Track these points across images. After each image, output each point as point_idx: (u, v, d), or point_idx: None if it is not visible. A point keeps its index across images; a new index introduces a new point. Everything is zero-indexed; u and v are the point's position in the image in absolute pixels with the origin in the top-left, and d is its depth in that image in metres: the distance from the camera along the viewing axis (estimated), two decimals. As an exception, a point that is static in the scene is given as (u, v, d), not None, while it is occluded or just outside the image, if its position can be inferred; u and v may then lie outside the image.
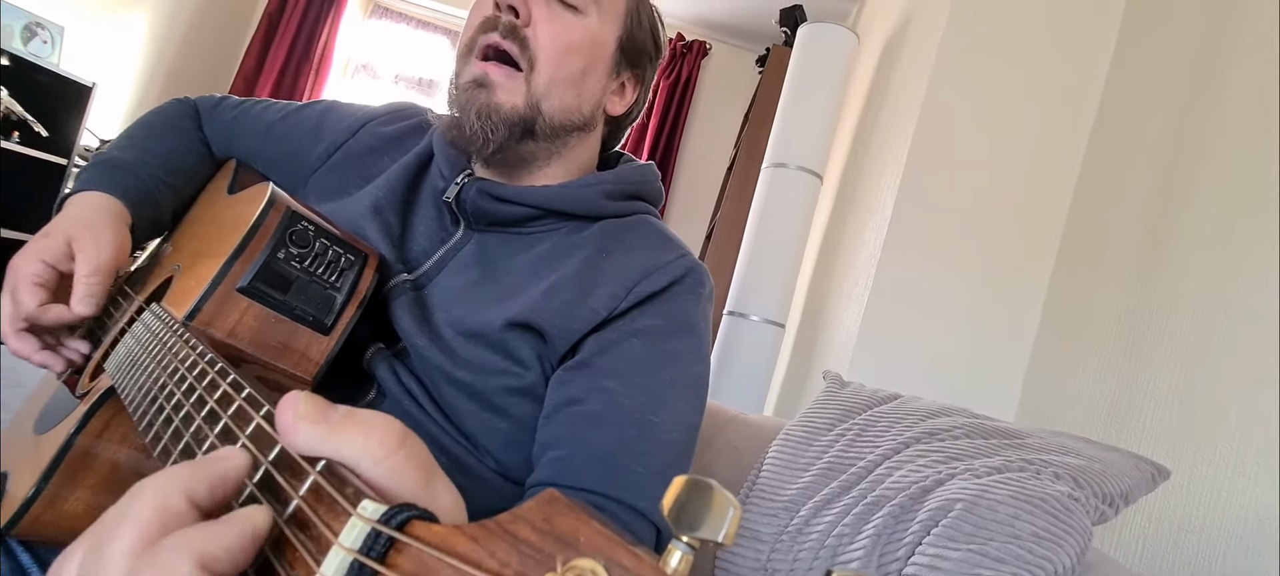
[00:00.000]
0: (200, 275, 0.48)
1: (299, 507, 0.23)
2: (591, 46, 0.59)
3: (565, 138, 0.61)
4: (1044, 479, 0.57)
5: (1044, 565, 0.49)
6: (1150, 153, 1.13)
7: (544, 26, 0.57)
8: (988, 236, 1.35)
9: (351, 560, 0.20)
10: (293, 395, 0.24)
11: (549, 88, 0.57)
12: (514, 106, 0.56)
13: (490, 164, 0.62)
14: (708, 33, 3.47)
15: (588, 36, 0.59)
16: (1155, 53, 1.22)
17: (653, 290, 0.56)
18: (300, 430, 0.23)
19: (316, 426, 0.23)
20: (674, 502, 0.18)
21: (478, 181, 0.59)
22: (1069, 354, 1.17)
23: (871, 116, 1.85)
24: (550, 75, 0.57)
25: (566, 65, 0.58)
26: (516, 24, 0.56)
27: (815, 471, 0.70)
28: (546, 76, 0.57)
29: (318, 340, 0.49)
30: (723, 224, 2.54)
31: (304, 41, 3.27)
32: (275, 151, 0.71)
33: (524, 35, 0.56)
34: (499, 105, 0.56)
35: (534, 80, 0.57)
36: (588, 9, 0.59)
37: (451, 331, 0.54)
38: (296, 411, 0.24)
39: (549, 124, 0.58)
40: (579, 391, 0.53)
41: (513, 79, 0.56)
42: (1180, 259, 0.97)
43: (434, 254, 0.59)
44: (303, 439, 0.23)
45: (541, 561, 0.18)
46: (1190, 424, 0.86)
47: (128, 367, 0.43)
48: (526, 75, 0.56)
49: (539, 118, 0.57)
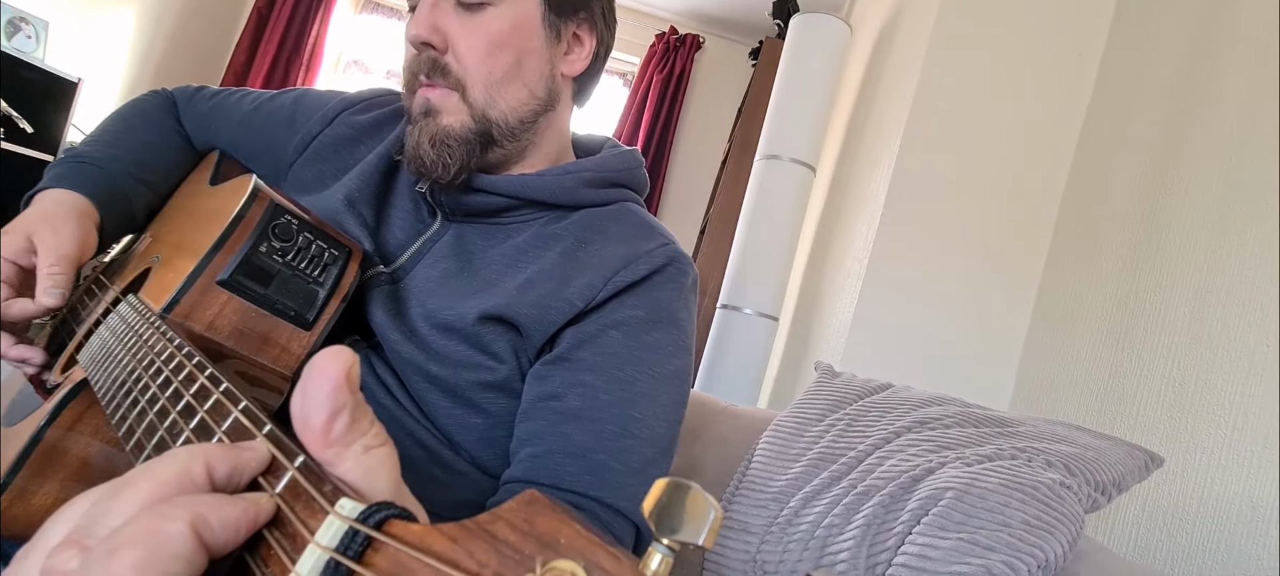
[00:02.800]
0: (180, 267, 0.47)
1: (275, 504, 0.22)
2: (513, 32, 0.56)
3: (531, 126, 0.59)
4: (1035, 466, 0.57)
5: (1035, 553, 0.49)
6: (1143, 140, 1.12)
7: (459, 40, 0.55)
8: (981, 226, 1.35)
9: (328, 559, 0.19)
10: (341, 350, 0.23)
11: (489, 96, 0.55)
12: (463, 125, 0.55)
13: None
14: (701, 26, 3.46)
15: (504, 25, 0.55)
16: (1147, 40, 1.21)
17: (632, 280, 0.54)
18: (344, 393, 0.22)
19: (355, 394, 0.23)
20: (654, 505, 0.18)
21: None
22: (1062, 343, 1.17)
23: (864, 107, 1.84)
24: (484, 84, 0.55)
25: (495, 66, 0.55)
26: (436, 56, 0.54)
27: (805, 462, 0.69)
28: (480, 87, 0.55)
29: (299, 335, 0.48)
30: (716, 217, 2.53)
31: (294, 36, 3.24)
32: (252, 143, 0.70)
33: (444, 64, 0.55)
34: (448, 129, 0.54)
35: (471, 97, 0.55)
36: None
37: (426, 325, 0.53)
38: (349, 372, 0.23)
39: (506, 124, 0.57)
40: (557, 386, 0.52)
41: (448, 98, 0.55)
42: (1172, 247, 0.97)
43: (411, 246, 0.58)
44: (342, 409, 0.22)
45: (521, 562, 0.17)
46: (1183, 412, 0.86)
47: (102, 359, 0.42)
48: (462, 96, 0.55)
49: (492, 127, 0.56)
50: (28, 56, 2.19)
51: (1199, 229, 0.93)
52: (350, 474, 0.22)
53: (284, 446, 0.25)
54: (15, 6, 2.27)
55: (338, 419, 0.22)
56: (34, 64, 2.18)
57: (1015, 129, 1.36)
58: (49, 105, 2.24)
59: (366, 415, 0.23)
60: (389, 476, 0.23)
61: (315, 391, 0.22)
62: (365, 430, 0.23)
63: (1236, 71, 0.97)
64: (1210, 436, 0.81)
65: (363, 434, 0.23)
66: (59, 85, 2.26)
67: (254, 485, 0.24)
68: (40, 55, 2.32)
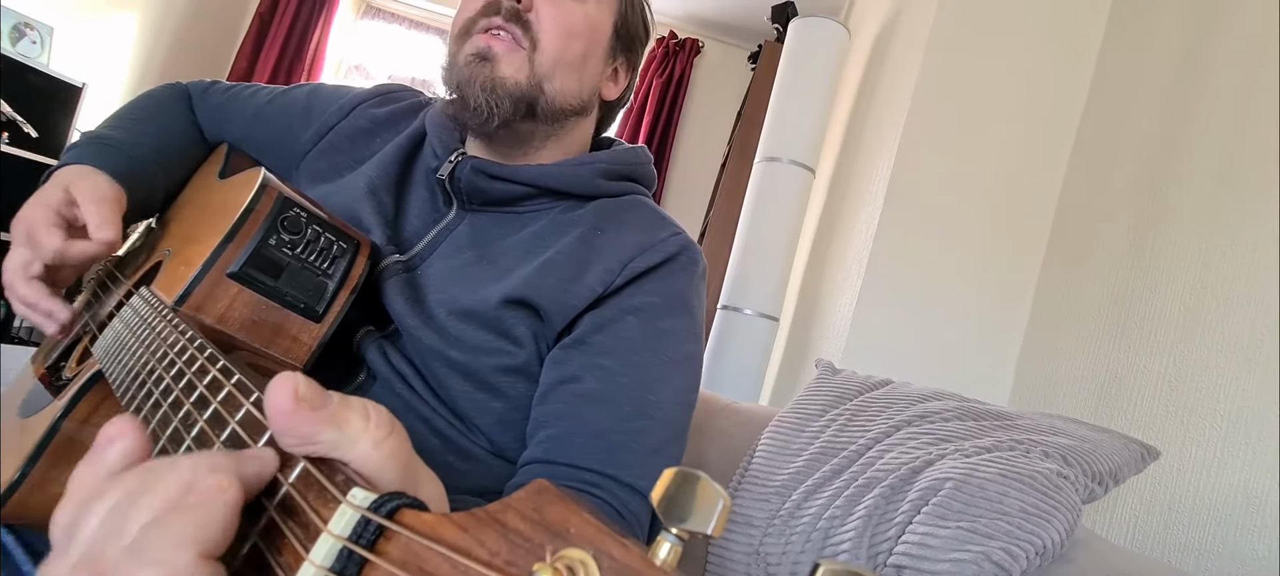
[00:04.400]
0: (191, 260, 0.48)
1: (288, 494, 0.23)
2: (591, 30, 0.60)
3: (563, 120, 0.61)
4: (1033, 457, 0.57)
5: (1032, 540, 0.50)
6: (1138, 140, 1.13)
7: (546, 9, 0.57)
8: (979, 226, 1.36)
9: (340, 547, 0.20)
10: (288, 376, 0.23)
11: (552, 69, 0.57)
12: (517, 81, 0.56)
13: (492, 141, 0.62)
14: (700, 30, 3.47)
15: (588, 21, 0.59)
16: (1143, 42, 1.23)
17: (647, 266, 0.56)
18: (301, 413, 0.22)
19: (318, 410, 0.22)
20: (663, 494, 0.18)
21: (471, 159, 0.58)
22: (1060, 340, 1.18)
23: (863, 109, 1.85)
24: (554, 56, 0.57)
25: (569, 48, 0.58)
26: (518, 9, 0.56)
27: (807, 456, 0.70)
28: (550, 57, 0.57)
29: (309, 327, 0.49)
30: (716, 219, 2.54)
31: (296, 42, 3.26)
32: (265, 135, 0.71)
33: (526, 18, 0.56)
34: (503, 78, 0.55)
35: (537, 59, 0.57)
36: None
37: (444, 312, 0.54)
38: (297, 392, 0.22)
39: (551, 105, 0.58)
40: (576, 369, 0.53)
41: (515, 53, 0.56)
42: (1168, 244, 0.98)
43: (426, 234, 0.59)
44: (304, 422, 0.22)
45: (531, 551, 0.18)
46: (1180, 407, 0.87)
47: (116, 351, 0.42)
48: (530, 53, 0.56)
49: (541, 97, 0.57)
50: (32, 61, 2.20)
51: (1194, 227, 0.94)
52: (361, 469, 0.22)
53: None
54: (20, 12, 2.28)
55: (318, 440, 0.22)
56: (38, 69, 2.19)
57: (1012, 129, 1.37)
58: (53, 110, 2.24)
59: (355, 413, 0.23)
60: (398, 464, 0.23)
61: (281, 431, 0.22)
62: (361, 428, 0.23)
63: (1231, 72, 0.98)
64: (1205, 430, 0.82)
65: (362, 431, 0.23)
66: (63, 90, 2.27)
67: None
68: (45, 60, 2.33)
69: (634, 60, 0.67)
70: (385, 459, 0.23)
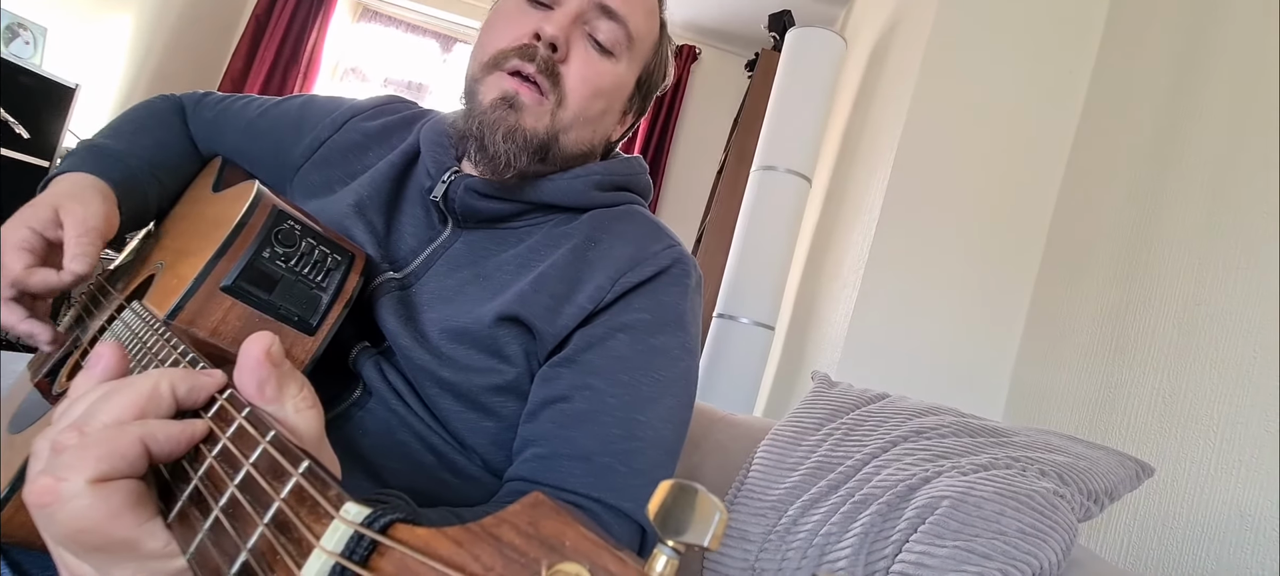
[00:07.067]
0: (183, 273, 0.48)
1: (280, 509, 0.22)
2: (616, 89, 0.61)
3: (569, 164, 0.62)
4: (1030, 476, 0.57)
5: (1029, 560, 0.50)
6: (1133, 154, 1.14)
7: (578, 65, 0.57)
8: (974, 238, 1.36)
9: (333, 564, 0.20)
10: (266, 333, 0.29)
11: (572, 124, 0.58)
12: (536, 131, 0.56)
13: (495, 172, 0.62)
14: (697, 38, 3.48)
15: (616, 81, 0.60)
16: (1137, 57, 1.23)
17: (639, 281, 0.55)
18: (266, 366, 0.28)
19: (277, 367, 0.29)
20: (660, 507, 0.18)
21: (465, 178, 0.58)
22: (1054, 354, 1.18)
23: (859, 120, 1.86)
24: (575, 113, 0.58)
25: (592, 106, 0.59)
26: (554, 60, 0.56)
27: (803, 471, 0.70)
28: (572, 113, 0.57)
29: (303, 340, 0.49)
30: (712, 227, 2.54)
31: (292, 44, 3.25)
32: (258, 149, 0.70)
33: (558, 71, 0.56)
34: (524, 129, 0.55)
35: (560, 114, 0.57)
36: (620, 55, 0.59)
37: (437, 331, 0.54)
38: (269, 349, 0.29)
39: (562, 153, 0.59)
40: (565, 388, 0.52)
41: (541, 105, 0.56)
42: (1163, 259, 0.98)
43: (421, 253, 0.59)
44: (266, 372, 0.28)
45: (526, 565, 0.17)
46: (1173, 422, 0.87)
47: (107, 366, 0.42)
48: (552, 107, 0.57)
49: (555, 147, 0.58)
50: (25, 62, 2.18)
51: (1188, 242, 0.95)
52: (285, 423, 0.29)
53: (289, 452, 0.25)
54: (13, 12, 2.27)
55: (267, 385, 0.29)
56: (31, 70, 2.18)
57: (1008, 142, 1.38)
58: (46, 111, 2.23)
59: (295, 380, 0.30)
60: (310, 429, 0.29)
61: (245, 368, 0.29)
62: (294, 393, 0.29)
63: (1225, 85, 0.98)
64: (1200, 446, 0.82)
65: (293, 396, 0.29)
66: (56, 91, 2.25)
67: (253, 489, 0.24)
68: (37, 61, 2.31)
69: (646, 105, 0.67)
70: (307, 424, 0.29)
